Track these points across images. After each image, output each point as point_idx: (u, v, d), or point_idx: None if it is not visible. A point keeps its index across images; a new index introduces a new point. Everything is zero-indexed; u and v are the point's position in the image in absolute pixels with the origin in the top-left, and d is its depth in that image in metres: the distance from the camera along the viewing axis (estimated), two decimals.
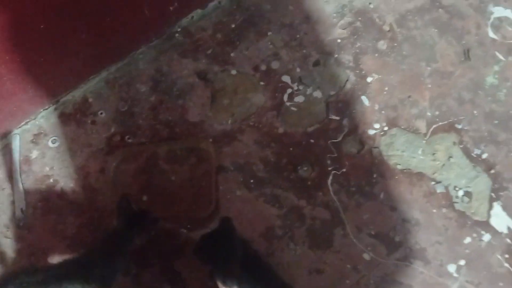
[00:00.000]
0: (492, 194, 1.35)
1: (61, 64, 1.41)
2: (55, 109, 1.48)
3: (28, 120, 1.46)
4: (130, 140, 1.45)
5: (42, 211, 1.38)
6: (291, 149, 1.43)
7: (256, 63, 1.55)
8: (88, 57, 1.45)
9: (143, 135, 1.46)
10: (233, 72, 1.54)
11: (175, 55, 1.57)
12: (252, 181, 1.40)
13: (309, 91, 1.50)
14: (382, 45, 1.57)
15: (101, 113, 1.48)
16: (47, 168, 1.43)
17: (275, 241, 1.34)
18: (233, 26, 1.61)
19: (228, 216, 1.14)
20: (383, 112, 1.46)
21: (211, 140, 1.45)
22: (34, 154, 1.44)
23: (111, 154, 1.43)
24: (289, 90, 1.50)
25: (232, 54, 1.56)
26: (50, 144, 1.44)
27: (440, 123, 1.44)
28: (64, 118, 1.48)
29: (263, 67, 1.54)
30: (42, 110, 1.47)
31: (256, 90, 1.51)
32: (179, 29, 1.60)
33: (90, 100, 1.50)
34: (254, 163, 1.42)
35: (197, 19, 1.62)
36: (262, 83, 1.52)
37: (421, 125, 1.45)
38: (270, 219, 1.36)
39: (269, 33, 1.59)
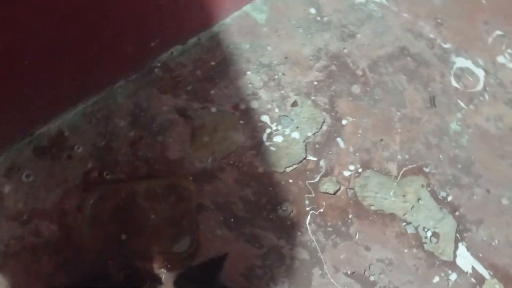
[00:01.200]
0: (457, 235, 1.48)
1: (38, 96, 1.40)
2: (30, 142, 1.47)
3: (0, 153, 1.44)
4: (108, 177, 1.46)
5: (15, 249, 1.36)
6: (270, 188, 1.50)
7: (236, 101, 1.62)
8: (66, 90, 1.46)
9: (121, 171, 1.48)
10: (213, 109, 1.59)
11: (154, 90, 1.60)
12: (232, 220, 1.45)
13: (287, 131, 1.58)
14: (356, 89, 1.68)
15: (78, 148, 1.48)
16: (21, 204, 1.40)
17: (255, 281, 1.39)
18: (212, 63, 1.67)
19: (226, 253, 1.18)
20: (357, 154, 1.57)
21: (191, 178, 1.49)
22: (7, 189, 1.41)
23: (88, 191, 1.43)
24: (268, 130, 1.58)
25: (212, 92, 1.62)
26: (24, 179, 1.42)
27: (410, 166, 1.57)
28: (39, 152, 1.46)
29: (243, 106, 1.61)
30: (16, 143, 1.46)
31: (236, 128, 1.58)
32: (158, 64, 1.64)
33: (66, 133, 1.50)
34: (234, 202, 1.47)
35: (177, 55, 1.67)
36: (241, 121, 1.58)
37: (392, 167, 1.56)
38: (250, 258, 1.41)
39: (248, 72, 1.67)
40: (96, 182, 1.46)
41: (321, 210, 1.48)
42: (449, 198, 1.53)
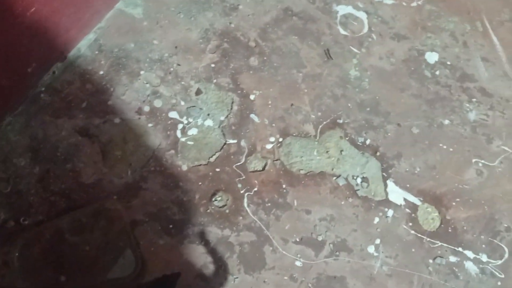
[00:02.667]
0: (384, 174, 1.60)
1: None
2: None
3: None
4: (26, 222, 1.37)
5: None
6: (200, 183, 1.50)
7: (138, 105, 1.58)
8: None
9: (38, 212, 1.39)
10: (117, 120, 1.54)
11: (47, 117, 1.51)
12: (171, 226, 1.44)
13: (200, 121, 1.58)
14: (254, 61, 1.72)
15: None
16: None
17: (212, 277, 1.41)
18: (101, 72, 1.61)
19: (178, 273, 1.19)
20: (273, 125, 1.62)
21: (115, 197, 1.45)
22: None
23: (10, 243, 1.34)
24: (180, 126, 1.57)
25: (109, 102, 1.57)
26: None
27: (324, 122, 1.65)
28: None
29: (147, 109, 1.58)
30: None
31: (146, 133, 1.54)
32: (43, 89, 1.54)
33: None
34: (167, 207, 1.46)
35: (60, 74, 1.58)
36: (150, 124, 1.55)
37: (309, 128, 1.63)
38: (200, 257, 1.42)
39: (142, 72, 1.63)
40: (15, 232, 1.37)
41: (256, 189, 1.52)
42: (368, 142, 1.64)
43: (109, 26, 1.69)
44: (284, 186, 1.54)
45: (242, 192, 1.51)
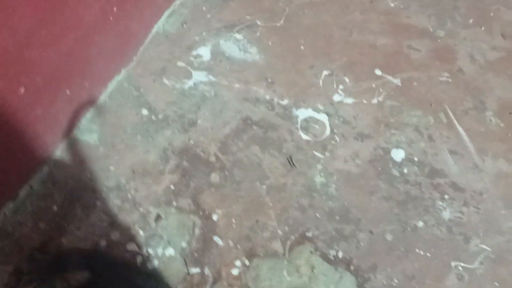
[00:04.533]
0: None
1: None
2: None
3: None
4: None
5: None
6: None
7: (94, 240, 1.54)
8: None
9: None
10: None
11: None
12: None
13: (160, 251, 1.53)
14: (215, 177, 1.70)
15: None
16: None
17: None
18: (55, 208, 1.58)
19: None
20: (238, 246, 1.57)
21: None
22: None
23: None
24: (140, 258, 1.52)
25: (63, 240, 1.53)
26: None
27: (293, 237, 1.60)
28: None
29: (103, 243, 1.53)
30: None
31: None
32: None
33: None
34: None
35: (11, 214, 1.55)
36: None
37: (277, 245, 1.59)
38: None
39: (98, 203, 1.60)
40: None
41: None
42: (340, 254, 1.58)
43: (64, 157, 1.68)
44: None
45: None
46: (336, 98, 1.94)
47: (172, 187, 1.66)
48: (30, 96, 1.44)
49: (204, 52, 2.04)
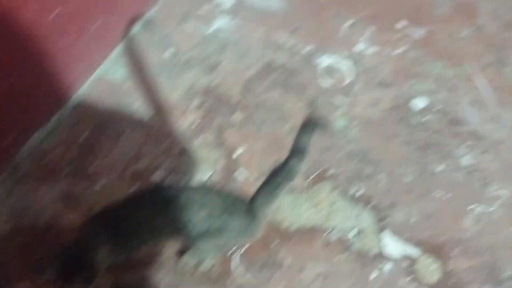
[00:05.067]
0: (378, 226, 1.57)
1: None
2: None
3: None
4: None
5: None
6: None
7: (123, 167, 1.59)
8: None
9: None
10: (100, 185, 1.54)
11: (28, 186, 1.52)
12: None
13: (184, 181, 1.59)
14: (237, 117, 1.74)
15: None
16: None
17: None
18: (83, 137, 1.62)
19: None
20: (259, 181, 1.61)
21: None
22: None
23: None
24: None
25: (91, 168, 1.57)
26: None
27: (313, 175, 1.64)
28: None
29: (130, 171, 1.58)
30: None
31: None
32: (24, 157, 1.56)
33: None
34: None
35: (40, 142, 1.60)
36: (131, 189, 1.55)
37: (297, 182, 1.62)
38: None
39: (124, 136, 1.65)
40: None
41: (244, 249, 1.50)
42: (359, 193, 1.62)
43: (90, 91, 1.73)
44: (274, 244, 1.51)
45: (230, 253, 1.48)
46: (359, 47, 1.96)
47: (195, 123, 1.70)
48: (60, 22, 1.47)
49: None
